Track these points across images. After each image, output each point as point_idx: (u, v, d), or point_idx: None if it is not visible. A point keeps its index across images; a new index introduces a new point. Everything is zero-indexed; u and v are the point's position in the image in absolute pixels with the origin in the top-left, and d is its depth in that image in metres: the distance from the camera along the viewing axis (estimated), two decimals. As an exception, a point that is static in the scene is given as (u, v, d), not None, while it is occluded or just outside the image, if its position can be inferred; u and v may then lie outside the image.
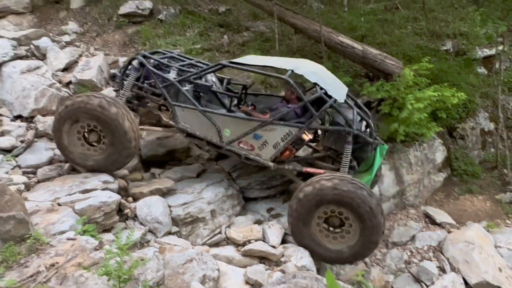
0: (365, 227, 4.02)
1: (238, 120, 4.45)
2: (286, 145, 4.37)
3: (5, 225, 3.14)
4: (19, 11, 7.98)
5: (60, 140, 4.57)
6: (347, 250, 4.18)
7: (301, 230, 4.21)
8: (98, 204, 4.08)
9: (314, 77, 4.34)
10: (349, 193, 3.94)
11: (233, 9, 8.76)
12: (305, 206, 4.12)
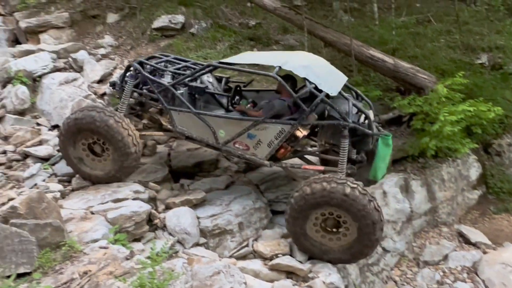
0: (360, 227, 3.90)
1: (231, 120, 4.46)
2: (281, 143, 4.29)
3: (42, 232, 3.25)
4: (59, 26, 8.36)
5: (67, 155, 4.74)
6: (346, 250, 4.09)
7: (296, 229, 4.16)
8: (129, 213, 4.16)
9: (303, 72, 4.17)
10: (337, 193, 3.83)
11: (263, 23, 8.86)
12: (294, 214, 4.08)
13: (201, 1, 8.95)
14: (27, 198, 3.52)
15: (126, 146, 4.48)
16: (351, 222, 3.95)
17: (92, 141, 4.65)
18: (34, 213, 3.49)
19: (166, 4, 8.63)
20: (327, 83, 4.20)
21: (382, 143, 4.36)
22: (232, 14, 9.06)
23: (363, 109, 4.36)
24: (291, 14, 7.36)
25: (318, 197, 3.89)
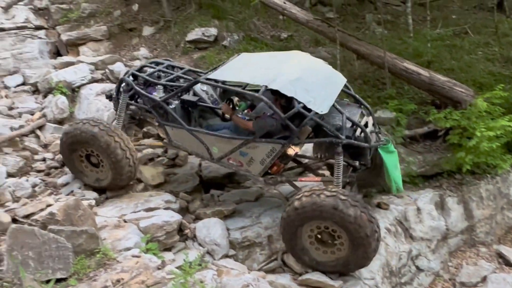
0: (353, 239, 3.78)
1: (221, 138, 4.39)
2: (273, 161, 4.23)
3: (78, 239, 3.33)
4: (97, 39, 8.69)
5: (69, 166, 4.91)
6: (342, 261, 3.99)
7: (291, 242, 4.08)
8: (160, 223, 4.22)
9: (291, 90, 3.95)
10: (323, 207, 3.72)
11: (295, 35, 8.88)
12: (287, 227, 4.01)
13: (234, 14, 9.07)
14: (64, 205, 3.64)
15: (119, 159, 4.49)
16: (344, 235, 3.83)
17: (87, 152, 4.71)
18: (71, 220, 3.60)
19: (200, 18, 8.80)
20: (317, 99, 3.97)
21: (384, 152, 4.20)
22: (264, 27, 9.14)
23: (357, 123, 4.17)
24: (324, 26, 7.34)
25: (309, 210, 3.79)
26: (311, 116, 3.95)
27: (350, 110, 4.44)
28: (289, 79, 4.06)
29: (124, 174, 4.62)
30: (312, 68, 4.49)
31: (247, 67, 4.49)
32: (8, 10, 8.72)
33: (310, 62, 4.65)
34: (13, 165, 5.21)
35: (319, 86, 4.17)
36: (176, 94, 4.63)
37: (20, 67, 7.70)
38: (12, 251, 3.03)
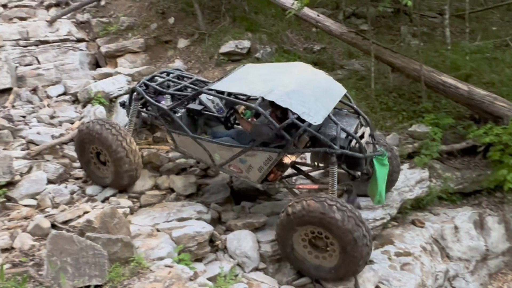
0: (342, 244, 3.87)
1: (222, 146, 4.57)
2: (270, 169, 4.37)
3: (114, 247, 3.40)
4: (135, 50, 8.98)
5: (81, 163, 5.25)
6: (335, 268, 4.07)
7: (286, 248, 4.22)
8: (192, 233, 4.25)
9: (286, 102, 4.06)
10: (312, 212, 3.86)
11: (328, 48, 8.85)
12: (281, 233, 4.17)
13: (267, 27, 9.15)
14: (101, 213, 3.74)
15: (119, 157, 4.76)
16: (334, 240, 3.93)
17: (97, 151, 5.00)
18: (107, 228, 3.69)
19: (233, 30, 8.93)
20: (312, 110, 4.04)
21: (378, 163, 4.27)
22: (296, 39, 9.17)
23: (352, 134, 4.22)
24: (358, 39, 7.28)
25: (299, 216, 3.95)
26: (305, 127, 4.08)
27: (348, 120, 4.53)
28: (286, 91, 4.18)
29: (124, 172, 4.86)
30: (311, 79, 4.60)
31: (248, 79, 4.66)
32: (52, 23, 9.17)
33: (310, 73, 4.77)
34: (53, 172, 5.40)
35: (315, 97, 4.25)
36: (182, 103, 4.89)
37: (62, 78, 8.05)
38: (52, 257, 3.13)
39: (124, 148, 4.77)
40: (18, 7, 9.85)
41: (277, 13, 9.47)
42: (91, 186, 5.26)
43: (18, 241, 3.91)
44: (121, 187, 5.10)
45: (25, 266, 3.47)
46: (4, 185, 4.84)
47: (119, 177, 4.93)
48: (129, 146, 4.81)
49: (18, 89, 7.52)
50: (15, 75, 7.72)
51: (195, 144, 4.71)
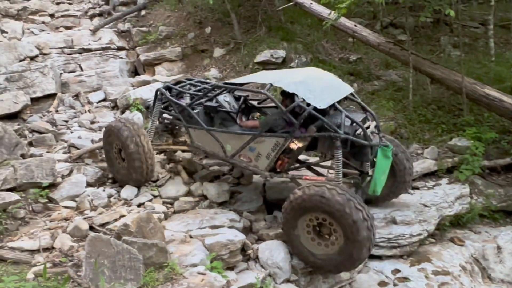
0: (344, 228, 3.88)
1: (234, 135, 4.81)
2: (277, 155, 4.49)
3: (149, 252, 3.46)
4: (172, 59, 9.21)
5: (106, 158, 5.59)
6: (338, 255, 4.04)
7: (291, 236, 4.28)
8: (225, 241, 4.25)
9: (293, 87, 4.32)
10: (315, 197, 3.93)
11: (364, 58, 8.73)
12: (287, 219, 4.23)
13: (303, 37, 9.15)
14: (137, 218, 3.81)
15: (131, 152, 5.06)
16: (336, 224, 3.94)
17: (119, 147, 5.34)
18: (142, 232, 3.75)
19: (269, 40, 8.99)
20: (317, 97, 4.24)
21: (382, 154, 4.32)
22: (332, 49, 9.11)
23: (357, 121, 4.32)
24: (396, 49, 7.13)
25: (300, 202, 4.03)
26: (309, 110, 4.20)
27: (355, 114, 4.62)
28: (293, 81, 4.43)
29: (135, 168, 5.13)
30: (319, 76, 4.82)
31: (261, 75, 5.14)
32: (95, 32, 9.56)
33: (319, 73, 5.02)
34: (92, 175, 5.59)
35: (322, 89, 4.43)
36: (200, 98, 5.19)
37: (103, 84, 8.37)
38: (90, 258, 3.21)
39: (136, 144, 5.05)
40: (64, 17, 10.37)
41: (313, 23, 9.46)
42: (126, 191, 5.38)
43: (58, 241, 4.05)
44: (131, 182, 5.32)
45: (64, 266, 3.58)
46: (46, 187, 5.03)
47: (130, 172, 5.20)
48: (141, 143, 5.07)
49: (62, 95, 7.87)
50: (59, 81, 8.09)
51: (209, 137, 4.95)
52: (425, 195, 5.70)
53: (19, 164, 4.98)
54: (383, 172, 4.39)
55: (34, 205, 4.84)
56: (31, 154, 5.82)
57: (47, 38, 9.02)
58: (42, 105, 7.59)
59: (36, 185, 4.97)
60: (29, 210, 4.75)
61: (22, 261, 3.76)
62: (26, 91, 7.40)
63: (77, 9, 11.09)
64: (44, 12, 10.61)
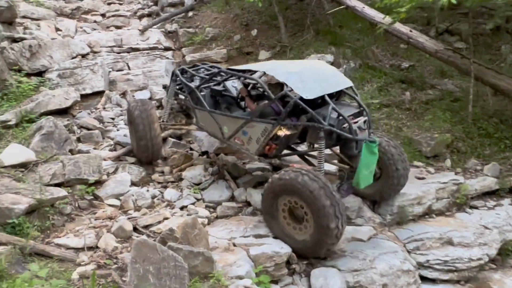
0: (313, 212, 3.98)
1: (231, 118, 5.03)
2: (266, 140, 4.64)
3: (194, 260, 3.32)
4: (217, 60, 9.13)
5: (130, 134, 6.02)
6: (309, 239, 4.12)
7: (268, 217, 4.43)
8: (271, 253, 4.06)
9: (283, 77, 4.47)
10: (289, 181, 4.07)
11: (417, 65, 8.29)
12: (265, 200, 4.37)
13: (352, 42, 8.83)
14: (183, 223, 3.69)
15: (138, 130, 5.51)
16: (306, 208, 4.06)
17: None
18: (187, 238, 3.63)
19: (316, 44, 8.75)
20: (306, 88, 4.33)
21: (366, 149, 4.31)
22: (383, 55, 8.72)
23: (342, 114, 4.34)
24: (456, 57, 6.68)
25: (278, 184, 4.18)
26: (296, 99, 4.32)
27: (347, 108, 4.68)
28: (287, 71, 4.58)
29: (141, 146, 5.56)
30: (318, 68, 4.95)
31: (262, 64, 5.48)
32: (144, 32, 9.67)
33: (321, 65, 5.20)
34: (136, 174, 5.57)
35: (314, 80, 4.54)
36: (207, 82, 5.48)
37: (149, 84, 8.41)
38: (135, 263, 3.11)
39: (143, 124, 5.48)
40: (115, 17, 10.58)
41: (363, 28, 9.12)
42: (170, 192, 5.32)
43: (102, 241, 4.01)
44: (143, 159, 5.77)
45: (109, 268, 3.51)
46: (92, 183, 5.05)
47: (138, 149, 5.69)
48: (147, 119, 5.51)
49: (110, 92, 7.97)
50: (108, 79, 8.20)
51: (210, 119, 5.21)
52: (485, 215, 5.27)
53: (68, 160, 5.02)
54: (367, 167, 4.38)
55: (80, 201, 4.86)
56: (79, 150, 5.88)
57: (98, 37, 9.20)
58: (91, 102, 7.71)
59: (83, 181, 5.00)
60: (75, 206, 4.77)
61: (67, 259, 3.73)
62: (77, 87, 7.54)
63: (127, 9, 11.31)
64: (96, 11, 10.89)
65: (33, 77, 7.60)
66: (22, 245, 3.50)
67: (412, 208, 5.29)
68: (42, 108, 6.44)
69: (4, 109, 6.28)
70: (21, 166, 4.84)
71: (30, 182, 4.63)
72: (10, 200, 4.02)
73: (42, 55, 7.84)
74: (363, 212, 5.38)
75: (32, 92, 6.87)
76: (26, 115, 6.13)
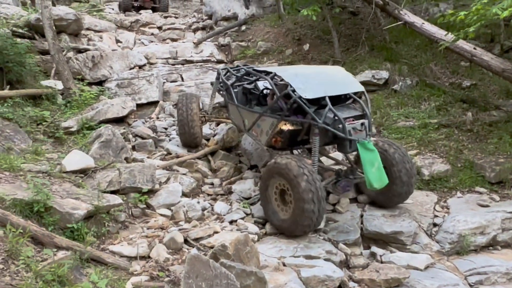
0: (294, 194, 4.42)
1: (250, 112, 5.56)
2: (272, 133, 5.12)
3: (247, 279, 3.25)
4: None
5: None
6: (288, 218, 4.56)
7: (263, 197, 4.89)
8: (323, 276, 3.91)
9: (289, 78, 4.93)
10: (278, 164, 4.57)
11: (480, 84, 7.83)
12: (262, 181, 4.88)
13: (408, 58, 8.53)
14: (235, 240, 3.64)
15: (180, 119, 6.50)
16: (291, 191, 4.49)
17: None
18: (239, 256, 3.57)
19: (370, 60, 8.53)
20: (308, 89, 4.77)
21: (361, 148, 4.60)
22: (442, 73, 8.33)
23: (337, 114, 4.66)
24: (526, 77, 6.24)
25: (271, 168, 4.70)
26: (295, 98, 4.73)
27: (349, 110, 5.01)
28: (295, 73, 5.09)
29: (185, 132, 6.47)
30: (329, 73, 5.47)
31: (283, 68, 6.09)
32: (198, 45, 9.92)
33: (335, 70, 5.68)
34: (187, 185, 5.62)
35: (319, 83, 4.98)
36: (238, 80, 6.14)
37: (200, 95, 8.55)
38: (189, 279, 3.09)
39: (182, 113, 6.44)
40: (171, 30, 10.97)
41: (421, 44, 8.79)
42: (219, 205, 5.31)
43: (154, 251, 4.05)
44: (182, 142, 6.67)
45: (161, 281, 3.53)
46: (145, 192, 5.15)
47: (178, 129, 6.65)
48: (189, 110, 6.43)
49: (163, 103, 8.20)
50: (162, 89, 8.46)
51: (237, 111, 5.81)
52: (558, 251, 4.80)
53: (124, 168, 5.16)
54: (371, 164, 4.55)
55: (134, 209, 4.96)
56: (134, 158, 6.05)
57: (154, 49, 9.56)
58: (145, 111, 7.97)
59: (137, 189, 5.10)
60: (128, 214, 4.88)
61: (121, 267, 3.79)
62: (133, 97, 7.83)
63: (182, 22, 11.69)
64: (153, 24, 11.35)
65: (94, 86, 7.99)
66: (80, 251, 3.59)
67: (474, 237, 4.94)
68: (101, 116, 6.73)
69: (67, 116, 6.62)
70: (81, 172, 5.04)
71: (88, 188, 4.80)
72: (71, 205, 4.17)
73: (103, 65, 8.23)
74: (419, 238, 5.09)
75: (93, 101, 7.20)
76: (86, 122, 6.43)
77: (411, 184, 5.06)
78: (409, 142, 6.66)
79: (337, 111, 4.75)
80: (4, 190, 4.07)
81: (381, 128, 7.16)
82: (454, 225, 5.10)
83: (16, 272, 3.06)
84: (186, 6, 17.09)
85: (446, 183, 5.96)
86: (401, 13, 8.09)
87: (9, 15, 8.88)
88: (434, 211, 5.48)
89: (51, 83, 7.29)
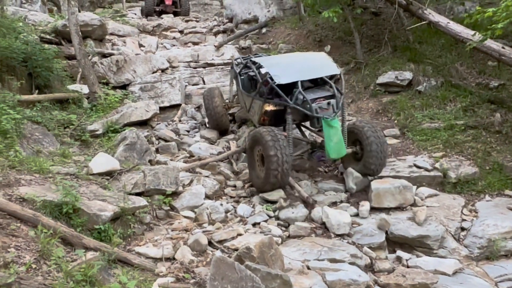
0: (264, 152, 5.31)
1: (247, 96, 6.37)
2: (260, 113, 5.96)
3: (272, 282, 3.24)
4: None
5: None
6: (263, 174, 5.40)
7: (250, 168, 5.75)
8: (348, 280, 3.86)
9: (268, 66, 5.96)
10: (256, 133, 5.51)
11: (508, 84, 7.61)
12: (248, 148, 5.73)
13: (433, 58, 8.36)
14: (260, 242, 3.64)
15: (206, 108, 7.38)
16: (264, 153, 5.33)
17: None
18: (264, 258, 3.56)
19: (393, 60, 8.41)
20: (282, 75, 5.63)
21: (325, 124, 5.33)
22: (468, 73, 8.13)
23: (304, 94, 5.47)
24: (558, 77, 6.02)
25: (252, 136, 5.59)
26: (272, 84, 5.60)
27: (320, 92, 5.80)
28: (276, 62, 6.18)
29: (208, 115, 7.40)
30: (307, 59, 6.45)
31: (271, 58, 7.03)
32: (219, 48, 9.99)
33: (313, 56, 6.96)
34: (210, 187, 5.65)
35: (295, 70, 5.82)
36: (243, 68, 6.92)
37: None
38: (214, 281, 3.10)
39: (208, 104, 7.23)
40: (192, 33, 11.09)
41: (446, 44, 8.61)
42: (242, 208, 5.32)
43: (179, 253, 4.08)
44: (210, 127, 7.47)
45: (187, 283, 3.55)
46: (169, 194, 5.20)
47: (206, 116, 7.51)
48: (213, 102, 7.16)
49: (185, 106, 8.29)
50: (184, 93, 8.55)
51: (242, 95, 6.64)
52: None
53: (148, 171, 5.23)
54: (330, 139, 5.30)
55: (158, 211, 5.02)
56: (157, 160, 6.13)
57: (176, 53, 9.67)
58: (168, 114, 8.07)
59: (161, 192, 5.16)
60: (153, 216, 4.94)
61: (147, 268, 3.84)
62: (156, 100, 7.95)
63: (203, 26, 11.80)
64: (175, 28, 11.49)
65: (118, 89, 8.14)
66: (108, 252, 3.65)
67: (505, 242, 4.80)
68: (126, 119, 6.85)
69: (93, 119, 6.77)
70: (106, 174, 5.14)
71: (114, 190, 4.89)
72: (98, 206, 4.25)
73: (127, 69, 8.38)
74: (446, 242, 4.98)
75: (117, 104, 7.34)
76: (111, 125, 6.55)
77: (383, 157, 5.64)
78: (435, 144, 6.53)
79: (310, 93, 5.64)
80: (35, 191, 4.18)
81: (405, 130, 7.03)
82: (483, 229, 4.96)
83: (48, 272, 3.14)
84: (207, 10, 17.25)
85: (474, 186, 5.81)
86: (425, 13, 7.95)
87: (37, 22, 9.16)
88: (461, 215, 5.34)
89: (77, 87, 7.48)
